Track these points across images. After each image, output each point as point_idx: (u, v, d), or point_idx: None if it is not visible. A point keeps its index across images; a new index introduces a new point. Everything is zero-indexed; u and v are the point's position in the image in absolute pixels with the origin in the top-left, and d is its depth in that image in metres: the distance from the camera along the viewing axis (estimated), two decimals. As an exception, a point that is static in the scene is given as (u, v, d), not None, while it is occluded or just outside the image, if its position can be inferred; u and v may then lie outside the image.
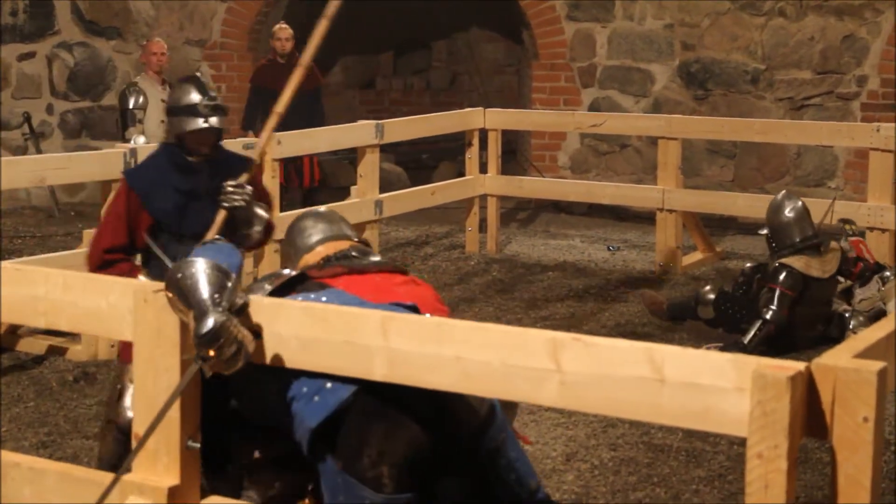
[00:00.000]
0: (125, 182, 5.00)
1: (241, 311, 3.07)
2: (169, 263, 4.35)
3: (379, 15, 14.07)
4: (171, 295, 3.03)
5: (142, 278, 4.64)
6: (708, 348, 6.98)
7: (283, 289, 3.48)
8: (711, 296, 7.54)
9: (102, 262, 4.84)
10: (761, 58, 11.01)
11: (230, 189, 4.76)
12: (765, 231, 7.65)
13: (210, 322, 2.96)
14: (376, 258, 3.82)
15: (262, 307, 3.13)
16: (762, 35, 11.00)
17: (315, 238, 3.89)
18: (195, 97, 4.96)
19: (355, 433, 3.18)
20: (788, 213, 7.55)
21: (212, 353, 2.96)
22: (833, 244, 7.48)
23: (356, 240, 4.01)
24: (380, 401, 3.19)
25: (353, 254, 3.79)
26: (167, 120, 5.20)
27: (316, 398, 3.16)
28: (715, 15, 11.15)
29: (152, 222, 4.90)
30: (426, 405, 3.24)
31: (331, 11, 4.91)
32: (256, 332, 3.06)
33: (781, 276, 7.22)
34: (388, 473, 3.18)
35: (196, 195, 4.95)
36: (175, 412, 3.07)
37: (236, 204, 4.75)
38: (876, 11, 10.53)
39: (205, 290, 3.02)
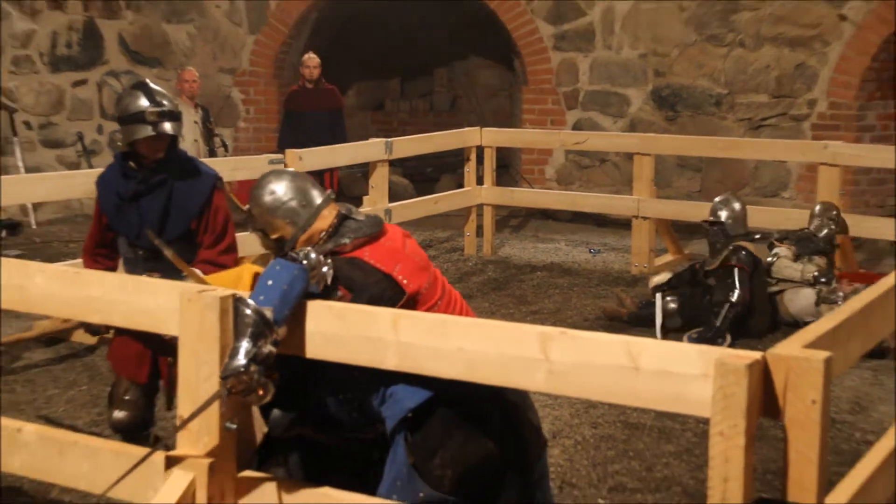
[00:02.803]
0: (97, 187, 4.80)
1: (268, 361, 3.03)
2: (168, 255, 4.06)
3: (388, 46, 14.09)
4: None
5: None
6: (689, 336, 6.99)
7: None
8: (673, 305, 7.50)
9: (89, 262, 4.78)
10: (724, 83, 11.02)
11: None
12: (713, 218, 7.69)
13: (230, 368, 2.99)
14: (369, 218, 3.62)
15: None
16: (724, 64, 11.00)
17: (317, 202, 3.62)
18: (143, 104, 4.53)
19: (434, 436, 3.19)
20: (738, 208, 7.71)
21: (231, 388, 3.00)
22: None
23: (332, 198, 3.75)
24: (462, 412, 3.21)
25: (353, 216, 3.63)
26: (120, 130, 4.67)
27: (414, 384, 3.16)
28: (683, 46, 11.16)
29: (106, 221, 4.72)
30: (501, 423, 3.28)
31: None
32: (276, 341, 3.06)
33: (742, 254, 7.31)
34: (451, 477, 3.19)
35: (129, 199, 4.62)
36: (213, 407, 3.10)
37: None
38: (824, 43, 10.53)
39: (242, 338, 3.01)
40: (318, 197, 3.62)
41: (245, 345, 3.00)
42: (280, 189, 3.62)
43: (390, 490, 3.23)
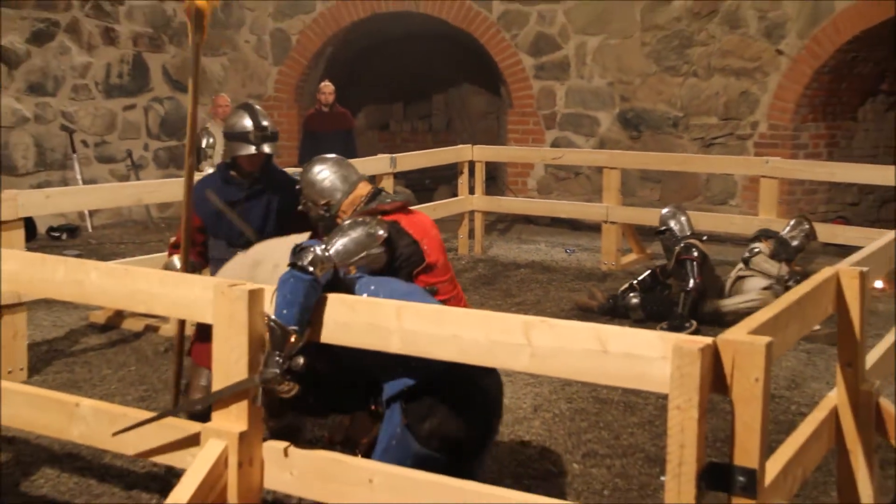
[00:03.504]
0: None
1: (299, 370, 3.04)
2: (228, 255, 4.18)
3: (392, 75, 14.09)
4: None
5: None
6: (661, 327, 6.97)
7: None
8: (635, 301, 7.51)
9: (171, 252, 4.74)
10: (680, 107, 11.03)
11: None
12: (663, 227, 7.81)
13: (267, 375, 3.02)
14: (400, 193, 3.93)
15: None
16: (680, 91, 11.01)
17: (354, 177, 4.02)
18: (248, 125, 4.57)
19: (427, 405, 3.22)
20: (683, 217, 7.83)
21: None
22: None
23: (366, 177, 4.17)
24: (448, 393, 3.24)
25: (383, 193, 4.03)
26: (225, 143, 4.68)
27: (412, 364, 3.16)
28: (645, 75, 11.17)
29: (200, 224, 4.61)
30: (481, 406, 3.35)
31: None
32: (304, 349, 3.05)
33: (692, 249, 7.42)
34: (439, 438, 3.23)
35: (233, 205, 4.57)
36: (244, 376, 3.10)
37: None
38: (764, 73, 10.54)
39: (276, 349, 3.02)
40: (354, 174, 4.05)
41: (278, 356, 3.02)
42: (325, 167, 4.09)
43: (386, 448, 3.25)
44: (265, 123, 4.57)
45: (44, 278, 3.65)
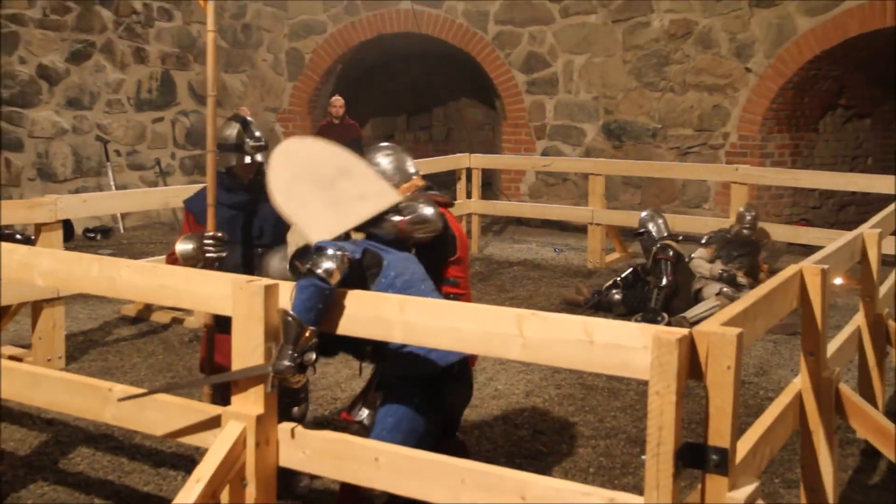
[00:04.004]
0: (185, 208, 4.39)
1: (309, 363, 3.03)
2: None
3: (396, 90, 14.07)
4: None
5: None
6: (635, 319, 6.98)
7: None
8: (618, 296, 7.51)
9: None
10: (658, 120, 11.01)
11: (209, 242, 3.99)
12: (641, 230, 7.82)
13: (280, 367, 3.01)
14: (444, 194, 3.89)
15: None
16: (659, 104, 11.00)
17: (412, 170, 3.89)
18: (242, 136, 4.32)
19: (444, 382, 3.37)
20: (660, 220, 7.85)
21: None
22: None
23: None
24: (460, 371, 3.40)
25: (433, 189, 3.90)
26: (218, 153, 4.25)
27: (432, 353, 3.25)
28: (627, 90, 11.15)
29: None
30: (468, 379, 3.54)
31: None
32: (316, 344, 3.04)
33: (667, 250, 7.44)
34: (450, 407, 3.44)
35: (240, 208, 4.30)
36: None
37: (214, 255, 3.99)
38: (734, 89, 10.53)
39: (289, 343, 3.01)
40: (412, 167, 3.88)
41: (291, 349, 3.00)
42: (389, 153, 3.89)
43: (400, 419, 3.30)
44: (258, 134, 4.39)
45: (80, 275, 3.64)
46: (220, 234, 4.01)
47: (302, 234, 3.54)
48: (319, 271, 3.06)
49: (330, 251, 3.12)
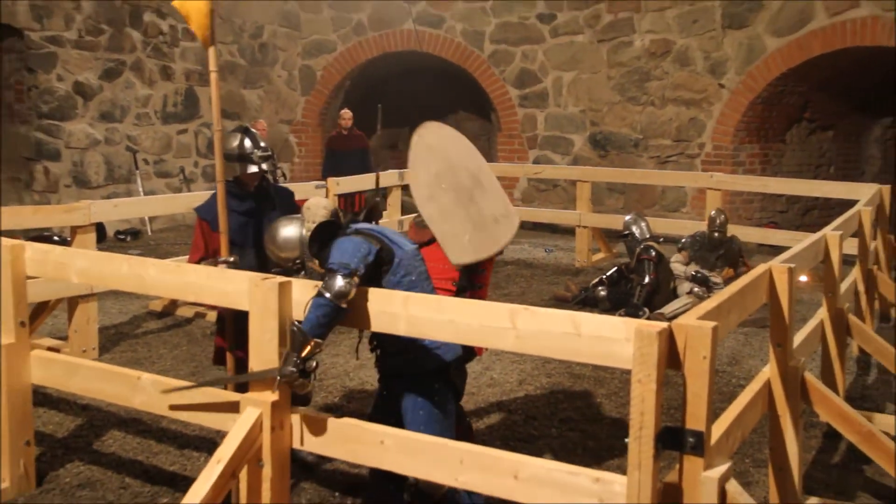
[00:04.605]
0: (197, 216, 4.19)
1: (312, 370, 2.99)
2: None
3: (400, 104, 14.01)
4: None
5: None
6: (619, 314, 6.97)
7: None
8: (603, 293, 7.50)
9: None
10: (640, 131, 11.01)
11: None
12: (626, 232, 7.77)
13: (284, 372, 2.96)
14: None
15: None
16: (640, 117, 11.00)
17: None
18: (249, 147, 4.20)
19: (457, 370, 3.37)
20: (643, 223, 7.79)
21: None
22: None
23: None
24: (458, 366, 3.37)
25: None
26: (226, 164, 4.14)
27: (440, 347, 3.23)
28: (611, 104, 11.15)
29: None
30: (465, 373, 3.50)
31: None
32: (318, 352, 3.00)
33: (650, 251, 7.41)
34: (458, 392, 3.40)
35: (251, 214, 4.20)
36: (274, 360, 3.08)
37: None
38: (709, 103, 10.53)
39: (294, 351, 2.96)
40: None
41: (295, 357, 2.96)
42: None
43: (429, 414, 3.24)
44: (263, 144, 4.29)
45: (111, 273, 3.64)
46: (232, 259, 3.91)
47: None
48: (334, 295, 2.97)
49: (344, 283, 2.98)
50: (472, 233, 3.25)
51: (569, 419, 4.93)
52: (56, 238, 7.31)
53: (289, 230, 3.44)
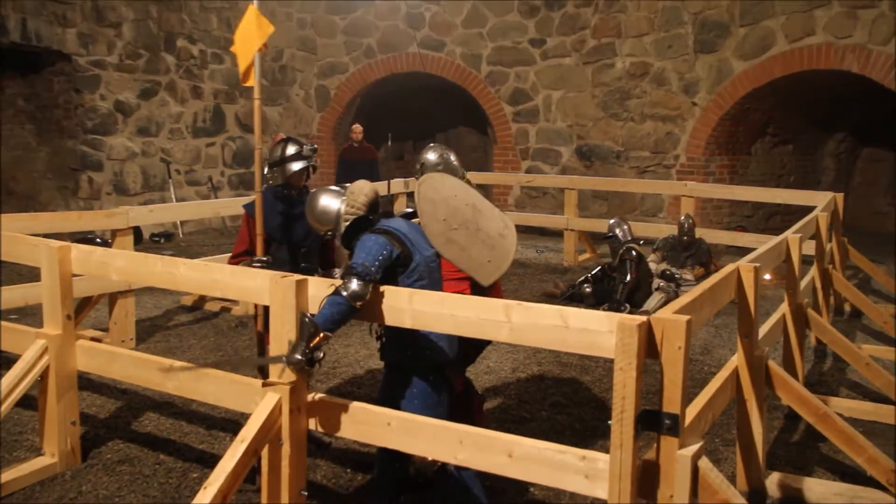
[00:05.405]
0: (244, 213, 4.18)
1: (318, 360, 2.93)
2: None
3: (406, 119, 14.04)
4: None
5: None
6: (604, 308, 6.95)
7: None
8: (589, 290, 7.48)
9: (234, 262, 4.28)
10: (622, 144, 10.99)
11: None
12: (610, 234, 7.71)
13: (291, 360, 2.93)
14: None
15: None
16: (622, 131, 10.98)
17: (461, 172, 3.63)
18: (296, 147, 4.18)
19: (452, 362, 3.29)
20: (625, 226, 7.74)
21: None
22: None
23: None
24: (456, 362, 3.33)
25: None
26: (274, 169, 4.16)
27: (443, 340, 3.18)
28: (595, 120, 11.13)
29: (266, 235, 4.06)
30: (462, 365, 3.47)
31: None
32: (325, 344, 2.95)
33: (631, 252, 7.35)
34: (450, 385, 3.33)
35: (291, 216, 4.15)
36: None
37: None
38: (683, 119, 10.52)
39: (302, 340, 2.92)
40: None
41: (303, 345, 2.92)
42: (449, 151, 3.75)
43: (426, 401, 3.18)
44: (306, 145, 4.26)
45: (146, 271, 3.64)
46: (266, 259, 3.94)
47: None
48: (350, 296, 2.92)
49: (360, 286, 2.92)
50: (490, 255, 3.30)
51: (557, 403, 4.92)
52: (98, 240, 7.32)
53: (329, 204, 3.33)
